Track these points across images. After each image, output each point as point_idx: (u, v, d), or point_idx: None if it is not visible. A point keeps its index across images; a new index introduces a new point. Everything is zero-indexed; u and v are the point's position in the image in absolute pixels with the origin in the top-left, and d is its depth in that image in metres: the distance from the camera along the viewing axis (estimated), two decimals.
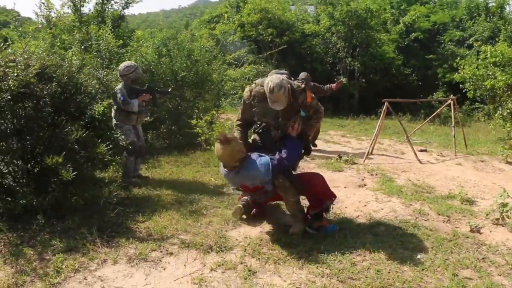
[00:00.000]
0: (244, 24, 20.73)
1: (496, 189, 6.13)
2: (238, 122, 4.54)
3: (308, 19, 23.11)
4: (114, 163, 5.55)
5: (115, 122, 6.04)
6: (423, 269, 3.60)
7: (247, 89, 4.39)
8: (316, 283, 3.34)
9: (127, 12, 13.26)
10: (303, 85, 4.29)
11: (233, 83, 10.60)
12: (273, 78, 3.99)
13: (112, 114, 6.05)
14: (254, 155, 4.12)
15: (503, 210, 4.75)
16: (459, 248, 4.07)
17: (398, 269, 3.59)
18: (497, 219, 4.81)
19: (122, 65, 6.13)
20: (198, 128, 7.67)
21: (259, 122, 4.39)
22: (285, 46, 17.94)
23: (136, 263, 3.67)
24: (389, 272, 3.53)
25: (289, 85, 4.09)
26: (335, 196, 4.71)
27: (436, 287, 3.30)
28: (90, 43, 7.48)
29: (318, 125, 4.46)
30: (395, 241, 4.20)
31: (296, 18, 22.07)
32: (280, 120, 4.29)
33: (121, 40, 8.46)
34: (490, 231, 4.58)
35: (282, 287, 3.27)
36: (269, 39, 19.95)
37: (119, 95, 5.87)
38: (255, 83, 4.31)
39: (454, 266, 3.66)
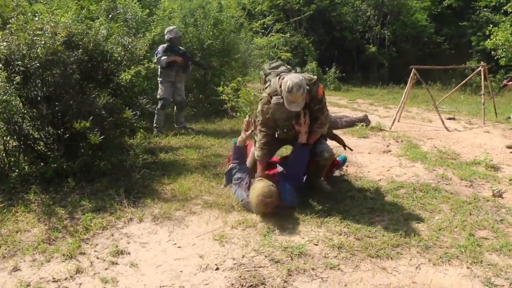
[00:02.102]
0: None
1: None
2: (263, 139, 4.22)
3: None
4: (141, 130, 5.71)
5: (158, 79, 7.23)
6: (440, 229, 3.65)
7: (261, 104, 4.19)
8: (333, 240, 3.43)
9: None
10: (315, 77, 4.18)
11: (260, 51, 10.58)
12: (292, 77, 3.78)
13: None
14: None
15: None
16: (478, 210, 4.08)
17: (415, 229, 3.65)
18: None
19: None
20: (224, 95, 7.75)
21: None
22: (312, 12, 17.61)
23: (161, 221, 3.83)
24: (406, 231, 3.58)
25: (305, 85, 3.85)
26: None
27: (451, 246, 3.34)
28: (117, 12, 7.59)
29: (323, 131, 4.30)
30: (415, 203, 4.24)
31: None
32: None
33: (147, 10, 8.53)
34: None
35: (300, 243, 3.38)
36: (297, 7, 19.64)
37: (156, 53, 7.02)
38: (267, 95, 4.12)
39: (471, 227, 3.69)
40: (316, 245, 3.39)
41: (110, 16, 6.88)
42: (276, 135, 4.33)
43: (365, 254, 3.22)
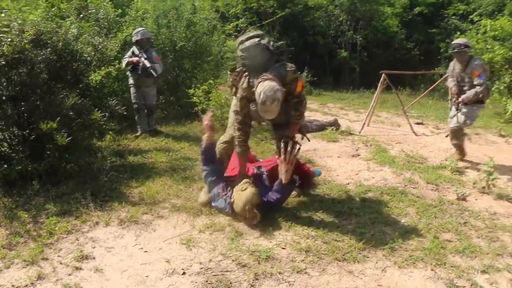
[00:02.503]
0: None
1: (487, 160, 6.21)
2: (242, 137, 4.11)
3: None
4: (110, 132, 5.63)
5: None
6: (406, 232, 3.73)
7: (239, 105, 4.00)
8: (301, 243, 3.45)
9: None
10: (298, 74, 4.00)
11: (233, 53, 10.55)
12: (266, 89, 3.50)
13: None
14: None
15: (488, 178, 4.84)
16: (443, 213, 4.18)
17: (382, 232, 3.71)
18: (483, 187, 4.92)
19: None
20: (195, 98, 7.70)
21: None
22: (284, 14, 17.72)
23: (127, 225, 3.79)
24: (372, 235, 3.65)
25: (281, 90, 3.58)
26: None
27: (416, 248, 3.41)
28: (88, 11, 7.45)
29: (302, 121, 4.26)
30: (382, 206, 4.32)
31: None
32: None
33: (120, 10, 8.40)
34: (476, 199, 4.69)
35: (267, 247, 3.38)
36: (271, 10, 19.71)
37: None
38: (245, 97, 3.91)
39: (436, 229, 3.78)
40: (284, 248, 3.40)
41: (81, 15, 6.76)
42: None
43: (332, 257, 3.25)
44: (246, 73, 3.92)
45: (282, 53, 3.96)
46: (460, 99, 5.95)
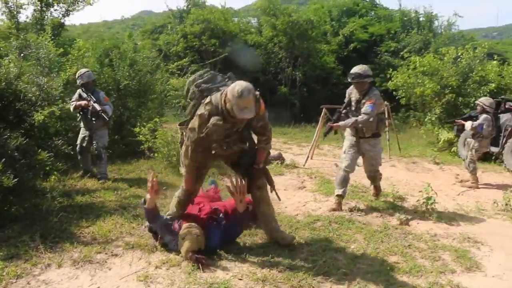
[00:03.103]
0: (187, 34, 20.81)
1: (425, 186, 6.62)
2: (191, 164, 4.04)
3: (250, 30, 23.52)
4: (55, 172, 5.51)
5: None
6: (356, 257, 3.93)
7: (198, 120, 3.77)
8: (257, 274, 3.54)
9: (67, 21, 13.03)
10: (257, 92, 3.84)
11: (176, 92, 10.68)
12: (239, 82, 3.61)
13: None
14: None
15: (427, 203, 5.19)
16: (389, 238, 4.44)
17: (333, 258, 3.88)
18: (423, 212, 5.27)
19: None
20: (141, 136, 7.70)
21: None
22: (226, 54, 18.20)
23: (81, 265, 3.71)
24: (324, 261, 3.80)
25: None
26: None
27: (367, 272, 3.60)
28: (29, 51, 7.34)
29: (269, 147, 4.27)
30: (331, 234, 4.51)
31: (239, 28, 22.41)
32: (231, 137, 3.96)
33: (61, 49, 8.35)
34: (417, 223, 5.01)
35: (225, 279, 3.44)
36: (212, 49, 20.15)
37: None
38: (206, 112, 3.73)
39: (383, 253, 4.01)
40: (241, 279, 3.47)
41: (22, 54, 6.67)
42: (213, 152, 4.04)
43: (288, 285, 3.37)
44: (205, 95, 3.91)
45: (230, 78, 4.18)
46: (335, 124, 5.79)
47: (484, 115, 7.16)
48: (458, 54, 12.85)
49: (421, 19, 24.53)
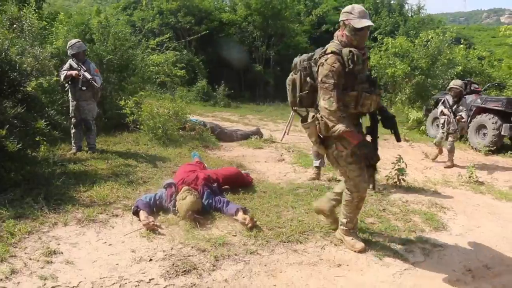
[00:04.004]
0: (163, 11, 20.81)
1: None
2: (340, 110, 3.34)
3: (225, 8, 23.65)
4: (45, 142, 5.64)
5: None
6: (336, 218, 4.34)
7: (334, 59, 3.35)
8: (249, 231, 3.94)
9: None
10: None
11: (156, 67, 10.86)
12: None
13: None
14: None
15: (400, 173, 5.70)
16: (365, 203, 4.87)
17: (316, 219, 4.32)
18: (395, 182, 5.77)
19: None
20: (127, 109, 7.91)
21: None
22: (207, 31, 18.34)
23: (86, 224, 4.03)
24: (309, 222, 4.25)
25: None
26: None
27: None
28: (22, 23, 7.33)
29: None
30: (313, 199, 4.93)
31: (214, 7, 22.52)
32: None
33: (44, 22, 8.41)
34: (390, 191, 5.51)
35: (221, 235, 3.84)
36: (188, 26, 20.23)
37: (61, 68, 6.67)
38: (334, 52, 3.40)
39: (361, 215, 4.44)
40: (235, 236, 3.88)
41: (14, 26, 6.75)
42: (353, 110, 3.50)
43: (278, 240, 3.80)
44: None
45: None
46: None
47: (461, 105, 7.65)
48: (428, 38, 13.43)
49: (392, 2, 25.20)
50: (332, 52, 3.38)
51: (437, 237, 4.18)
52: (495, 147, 9.42)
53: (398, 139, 3.86)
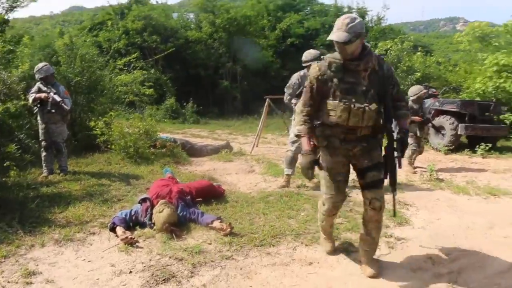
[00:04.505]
0: (129, 31, 20.89)
1: None
2: (304, 114, 3.46)
3: (191, 26, 23.90)
4: (14, 167, 5.62)
5: None
6: (306, 221, 4.63)
7: (314, 66, 3.41)
8: (224, 239, 4.12)
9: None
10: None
11: (125, 87, 10.92)
12: None
13: None
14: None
15: None
16: None
17: (287, 223, 4.54)
18: None
19: None
20: (97, 129, 7.96)
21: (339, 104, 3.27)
22: (173, 49, 18.48)
23: (64, 244, 4.09)
24: (280, 226, 4.46)
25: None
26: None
27: (317, 231, 4.25)
28: None
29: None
30: (283, 205, 5.18)
31: (179, 25, 22.74)
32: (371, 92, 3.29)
33: (8, 46, 8.40)
34: (356, 194, 5.74)
35: (197, 244, 3.99)
36: (154, 45, 20.36)
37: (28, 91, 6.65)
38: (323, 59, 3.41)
39: None
40: (210, 244, 4.04)
41: None
42: (332, 120, 3.34)
43: (252, 245, 3.98)
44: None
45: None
46: None
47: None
48: (387, 47, 13.98)
49: (353, 13, 25.95)
50: (321, 60, 3.47)
51: (400, 231, 4.48)
52: (453, 146, 9.94)
53: (392, 186, 3.57)
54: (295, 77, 6.43)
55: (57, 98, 6.51)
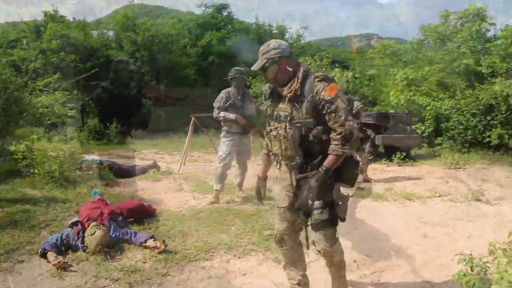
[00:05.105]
0: (45, 50, 20.16)
1: None
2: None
3: (111, 45, 23.51)
4: None
5: None
6: (237, 235, 4.85)
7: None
8: (158, 256, 4.23)
9: None
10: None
11: (46, 109, 10.60)
12: None
13: None
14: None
15: None
16: (262, 218, 5.45)
17: (219, 238, 4.74)
18: None
19: None
20: (19, 154, 7.68)
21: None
22: (95, 70, 18.06)
23: None
24: (213, 241, 4.66)
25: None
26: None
27: (248, 243, 4.50)
28: None
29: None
30: (214, 221, 5.37)
31: (100, 43, 22.30)
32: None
33: None
34: None
35: (132, 264, 4.07)
36: (73, 65, 19.81)
37: None
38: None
39: (259, 229, 4.95)
40: (145, 262, 4.14)
41: None
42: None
43: (186, 260, 4.15)
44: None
45: None
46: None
47: None
48: (308, 64, 14.70)
49: (274, 31, 26.89)
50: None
51: None
52: (372, 156, 10.66)
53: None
54: (222, 92, 6.76)
55: None
